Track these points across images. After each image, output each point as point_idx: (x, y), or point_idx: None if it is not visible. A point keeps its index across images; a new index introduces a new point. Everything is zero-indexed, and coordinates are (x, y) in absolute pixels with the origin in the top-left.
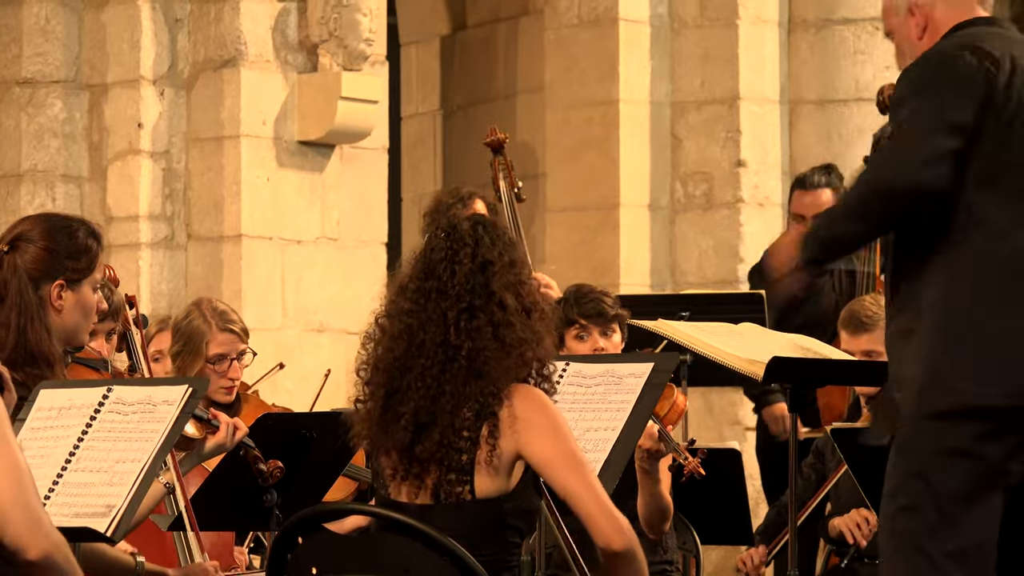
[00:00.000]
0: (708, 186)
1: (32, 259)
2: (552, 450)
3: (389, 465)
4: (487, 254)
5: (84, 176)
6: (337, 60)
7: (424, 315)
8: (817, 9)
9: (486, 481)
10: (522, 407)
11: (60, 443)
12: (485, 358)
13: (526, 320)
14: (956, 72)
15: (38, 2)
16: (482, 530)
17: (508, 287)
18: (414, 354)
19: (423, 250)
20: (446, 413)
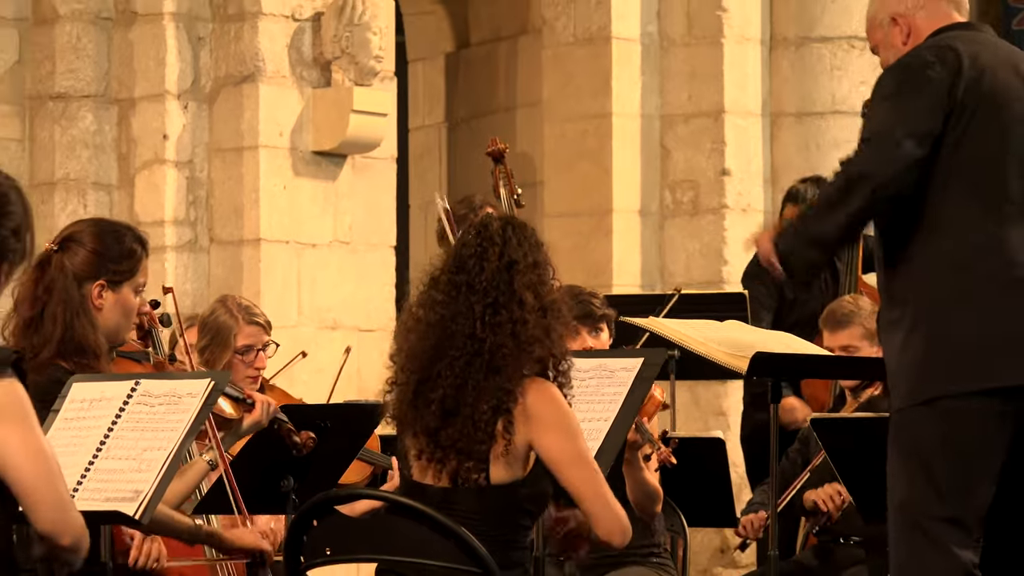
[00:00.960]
0: (695, 193)
1: (79, 259)
2: (560, 448)
3: (415, 446)
4: (513, 253)
5: (113, 184)
6: (349, 76)
7: (455, 307)
8: (797, 28)
9: (501, 470)
10: (535, 403)
11: (91, 433)
12: (503, 354)
13: (541, 318)
14: (924, 80)
15: (70, 22)
16: (497, 513)
17: (529, 286)
18: (446, 344)
19: (456, 245)
20: (468, 405)
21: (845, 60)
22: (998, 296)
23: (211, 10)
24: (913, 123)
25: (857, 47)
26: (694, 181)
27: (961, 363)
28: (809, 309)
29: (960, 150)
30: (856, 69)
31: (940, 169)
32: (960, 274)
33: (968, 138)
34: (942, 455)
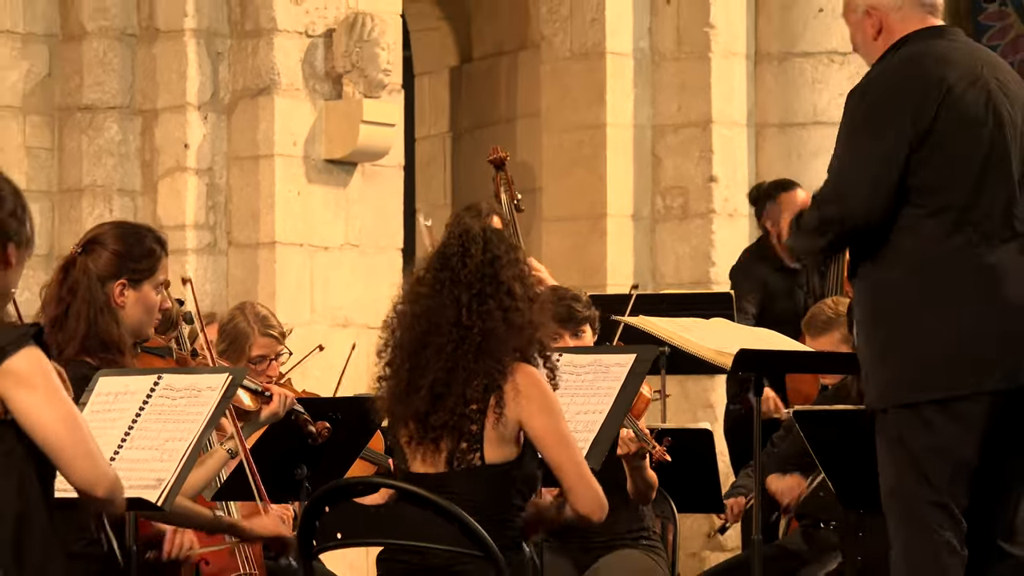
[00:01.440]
0: (684, 199)
1: (101, 260)
2: (545, 426)
3: (406, 434)
4: (495, 250)
5: (137, 190)
6: (359, 89)
7: (439, 300)
8: (780, 44)
9: (494, 449)
10: (524, 383)
11: (117, 424)
12: (495, 337)
13: (530, 306)
14: (889, 116)
15: (97, 38)
16: (491, 494)
17: (516, 277)
18: (431, 332)
19: (438, 247)
20: (459, 385)
21: (825, 73)
22: (965, 302)
23: (229, 27)
24: (878, 165)
25: (836, 61)
26: (683, 187)
27: (933, 370)
28: (791, 308)
29: (927, 168)
30: (836, 82)
31: (911, 184)
32: (927, 279)
33: (935, 157)
34: (923, 450)
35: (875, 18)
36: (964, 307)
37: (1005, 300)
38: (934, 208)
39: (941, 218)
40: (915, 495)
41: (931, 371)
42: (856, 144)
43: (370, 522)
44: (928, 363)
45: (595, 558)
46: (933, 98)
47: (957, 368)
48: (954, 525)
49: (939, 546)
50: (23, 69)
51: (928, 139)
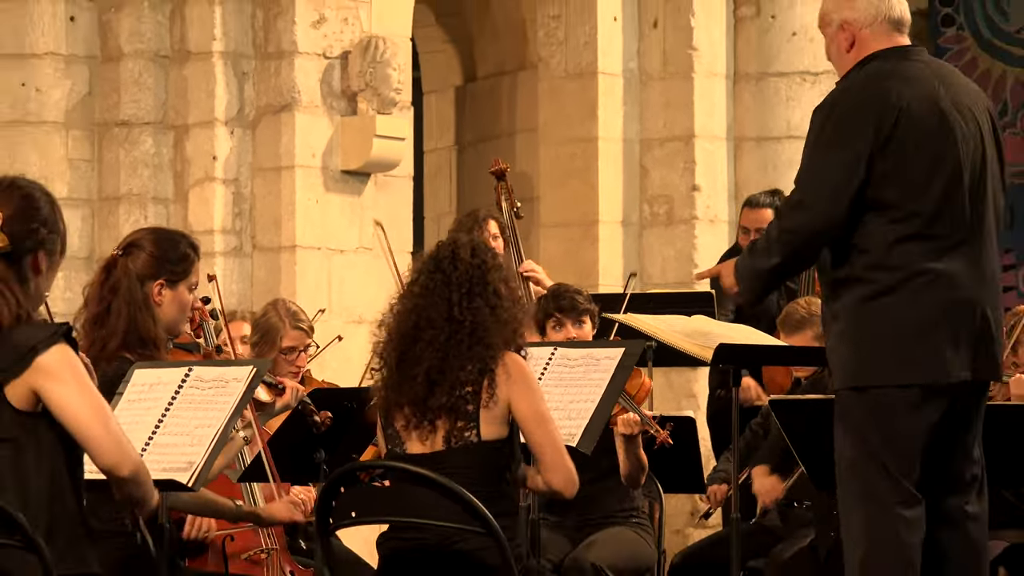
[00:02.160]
0: (669, 207)
1: (141, 262)
2: (529, 408)
3: (402, 418)
4: (482, 255)
5: (170, 198)
6: (372, 105)
7: (431, 298)
8: (757, 65)
9: (489, 427)
10: (512, 368)
11: (151, 412)
12: (486, 329)
13: (513, 307)
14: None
15: (133, 59)
16: (487, 468)
17: (500, 280)
18: (423, 326)
19: (431, 254)
20: (453, 371)
21: (798, 92)
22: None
23: (254, 49)
24: (839, 175)
25: (808, 81)
26: (669, 196)
27: (882, 359)
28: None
29: (886, 179)
30: (808, 99)
31: (870, 195)
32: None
33: (893, 170)
34: (875, 431)
35: (848, 32)
36: (916, 306)
37: (953, 301)
38: (893, 216)
39: (898, 225)
40: (869, 472)
41: (887, 362)
42: (820, 155)
43: (381, 501)
44: (884, 355)
45: (588, 534)
46: (892, 115)
47: (909, 360)
48: (910, 499)
49: (897, 521)
50: (66, 88)
51: (887, 152)
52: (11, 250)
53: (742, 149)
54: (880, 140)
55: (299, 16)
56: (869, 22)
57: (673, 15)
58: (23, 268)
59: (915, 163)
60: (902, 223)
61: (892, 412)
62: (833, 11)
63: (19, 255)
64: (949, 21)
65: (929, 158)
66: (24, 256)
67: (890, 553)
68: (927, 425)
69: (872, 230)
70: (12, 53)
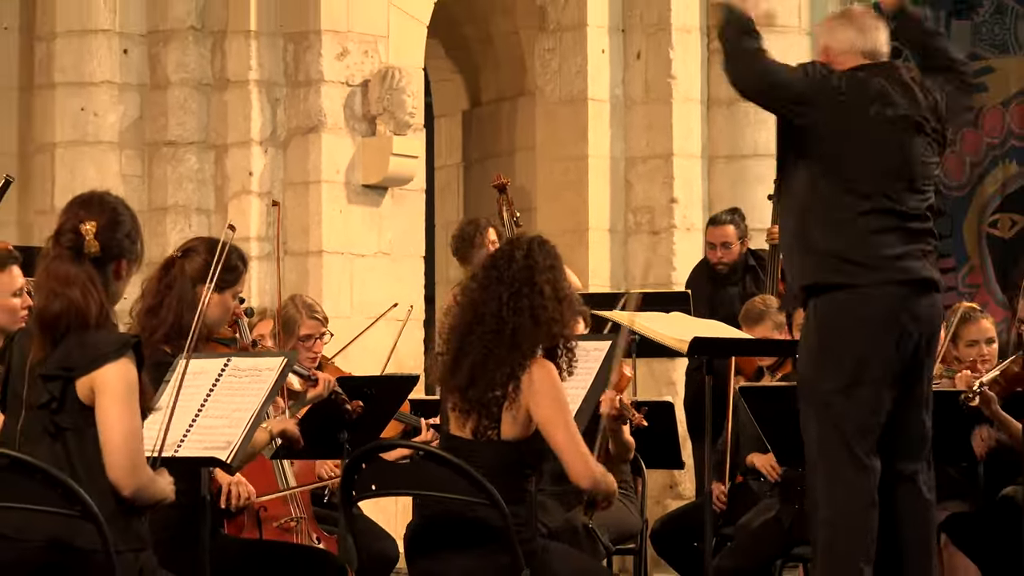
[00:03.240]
0: (651, 216)
1: (195, 266)
2: (548, 414)
3: (452, 401)
4: (535, 255)
5: (211, 209)
6: (389, 127)
7: (486, 294)
8: (728, 91)
9: (509, 428)
10: (538, 376)
11: (194, 398)
12: (523, 333)
13: (558, 305)
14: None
15: (179, 87)
16: (506, 462)
17: (548, 281)
18: (477, 321)
19: (494, 251)
20: (491, 371)
21: (765, 116)
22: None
23: (285, 78)
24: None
25: None
26: (650, 207)
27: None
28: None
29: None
30: (773, 122)
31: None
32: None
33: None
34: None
35: (828, 57)
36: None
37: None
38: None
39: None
40: (832, 445)
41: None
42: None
43: (399, 476)
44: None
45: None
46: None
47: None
48: (866, 467)
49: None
50: (120, 112)
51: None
52: (100, 255)
53: (715, 166)
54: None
55: (325, 49)
56: (844, 50)
57: (654, 48)
58: (107, 272)
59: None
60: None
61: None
62: (821, 36)
63: (105, 261)
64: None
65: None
66: (109, 262)
67: (850, 514)
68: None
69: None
70: (73, 82)
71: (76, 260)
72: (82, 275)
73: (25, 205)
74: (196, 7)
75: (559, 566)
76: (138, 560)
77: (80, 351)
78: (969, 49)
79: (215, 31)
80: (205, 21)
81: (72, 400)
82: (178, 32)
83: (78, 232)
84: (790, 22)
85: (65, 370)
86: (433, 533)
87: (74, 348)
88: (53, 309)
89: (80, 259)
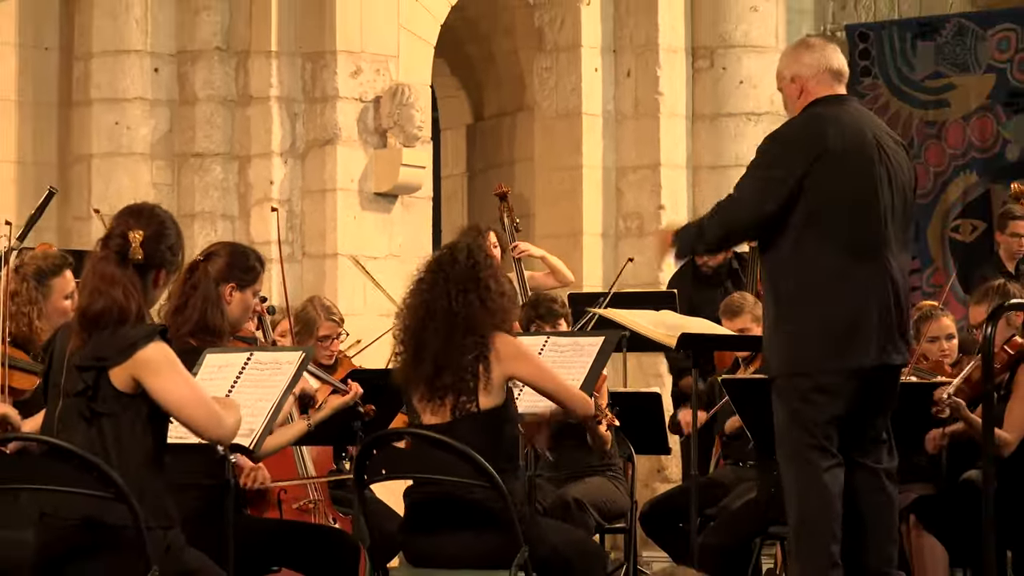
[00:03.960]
0: (640, 222)
1: (218, 267)
2: (528, 371)
3: (416, 394)
4: (476, 256)
5: (235, 216)
6: (399, 140)
7: (434, 292)
8: (711, 107)
9: (486, 399)
10: (503, 348)
11: (220, 389)
12: (477, 319)
13: (501, 299)
14: (785, 157)
15: (205, 103)
16: (487, 432)
17: (491, 277)
18: (429, 317)
19: (433, 257)
20: (455, 357)
21: (745, 129)
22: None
23: (303, 94)
24: (764, 196)
25: (753, 120)
26: (639, 213)
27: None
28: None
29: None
30: (752, 135)
31: (800, 209)
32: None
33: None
34: (806, 406)
35: (798, 84)
36: (836, 307)
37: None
38: (820, 231)
39: (824, 239)
40: (801, 441)
41: (812, 353)
42: (755, 177)
43: (406, 461)
44: (810, 347)
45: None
46: (818, 143)
47: (829, 351)
48: (832, 459)
49: (822, 477)
50: (151, 126)
51: (812, 173)
52: (143, 263)
53: (699, 176)
54: (808, 166)
55: (340, 68)
56: (814, 73)
57: (643, 67)
58: (148, 279)
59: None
60: (828, 238)
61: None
62: (785, 69)
63: (147, 268)
64: (866, 72)
65: (853, 183)
66: (150, 270)
67: (818, 502)
68: (845, 401)
69: (804, 243)
70: (108, 98)
71: (121, 264)
72: (125, 278)
73: (64, 211)
74: (221, 29)
75: (555, 539)
76: (166, 537)
77: (112, 343)
78: (933, 68)
79: (239, 51)
80: (230, 42)
81: (106, 387)
82: (205, 52)
83: (126, 238)
84: (767, 43)
85: (98, 360)
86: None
87: (107, 340)
88: (96, 307)
89: (124, 263)
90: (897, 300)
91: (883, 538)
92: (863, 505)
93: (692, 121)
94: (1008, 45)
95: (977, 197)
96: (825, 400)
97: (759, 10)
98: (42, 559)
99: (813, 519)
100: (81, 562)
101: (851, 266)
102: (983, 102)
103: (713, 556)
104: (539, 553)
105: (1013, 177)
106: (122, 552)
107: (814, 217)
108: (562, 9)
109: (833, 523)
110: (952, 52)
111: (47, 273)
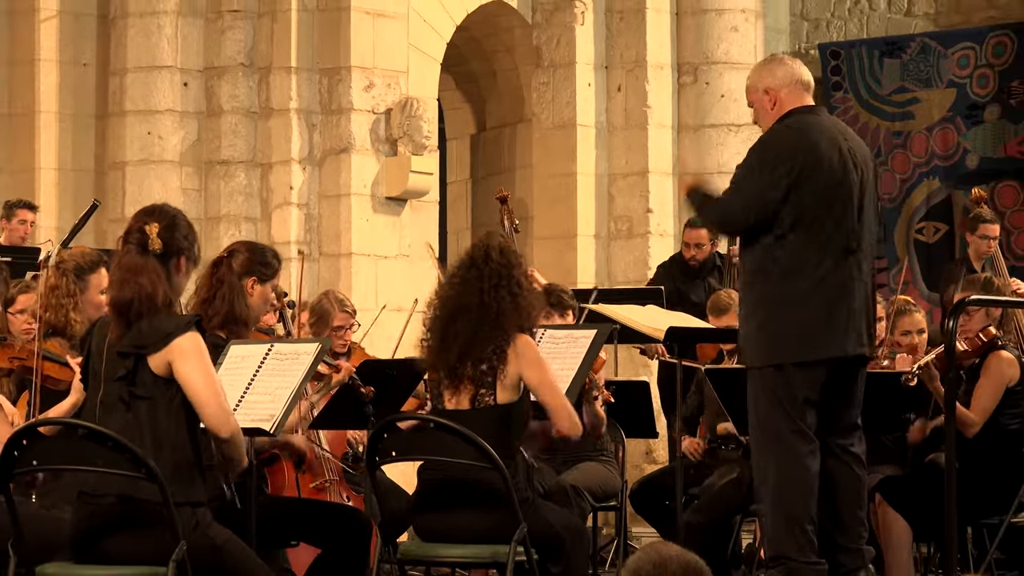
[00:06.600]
0: (630, 224)
1: (240, 263)
2: (535, 376)
3: (440, 380)
4: (508, 256)
5: (257, 218)
6: (408, 148)
7: (467, 287)
8: (695, 118)
9: (503, 394)
10: (522, 347)
11: (243, 377)
12: (506, 316)
13: (530, 295)
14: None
15: (231, 114)
16: (501, 424)
17: (523, 275)
18: (461, 310)
19: (467, 252)
20: (478, 349)
21: (726, 138)
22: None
23: (320, 107)
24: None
25: (733, 130)
26: (629, 217)
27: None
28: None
29: (800, 199)
30: (733, 144)
31: (785, 211)
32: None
33: (802, 194)
34: (784, 395)
35: (771, 96)
36: (811, 301)
37: (839, 298)
38: (801, 231)
39: (804, 238)
40: (780, 426)
41: (789, 343)
42: (750, 178)
43: (415, 444)
44: (787, 338)
45: (569, 467)
46: (803, 153)
47: (805, 342)
48: (809, 443)
49: (801, 458)
50: (180, 136)
51: (798, 180)
52: (163, 251)
53: (684, 182)
54: (793, 172)
55: (354, 83)
56: (786, 84)
57: (633, 82)
58: (170, 267)
59: (818, 190)
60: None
61: (794, 380)
62: (759, 81)
63: (168, 256)
64: (837, 87)
65: (829, 186)
66: (171, 258)
67: (796, 481)
68: (820, 390)
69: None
70: (141, 110)
71: (142, 255)
72: (148, 266)
73: (100, 215)
74: (245, 47)
75: (551, 518)
76: (195, 514)
77: (150, 331)
78: (899, 83)
79: (261, 67)
80: (253, 59)
81: (145, 373)
82: (230, 68)
83: (143, 232)
84: (747, 60)
85: (138, 347)
86: (439, 494)
87: (145, 329)
88: (125, 295)
89: (146, 254)
90: (866, 297)
91: (853, 517)
92: (835, 486)
93: (677, 131)
94: (968, 62)
95: (939, 201)
96: (801, 388)
97: (739, 30)
98: (79, 533)
99: (791, 500)
100: (115, 536)
101: (826, 264)
102: (945, 114)
103: (697, 532)
104: (536, 531)
105: (973, 183)
106: (153, 527)
107: (797, 218)
108: (558, 29)
109: (810, 504)
110: (916, 69)
111: (85, 269)
